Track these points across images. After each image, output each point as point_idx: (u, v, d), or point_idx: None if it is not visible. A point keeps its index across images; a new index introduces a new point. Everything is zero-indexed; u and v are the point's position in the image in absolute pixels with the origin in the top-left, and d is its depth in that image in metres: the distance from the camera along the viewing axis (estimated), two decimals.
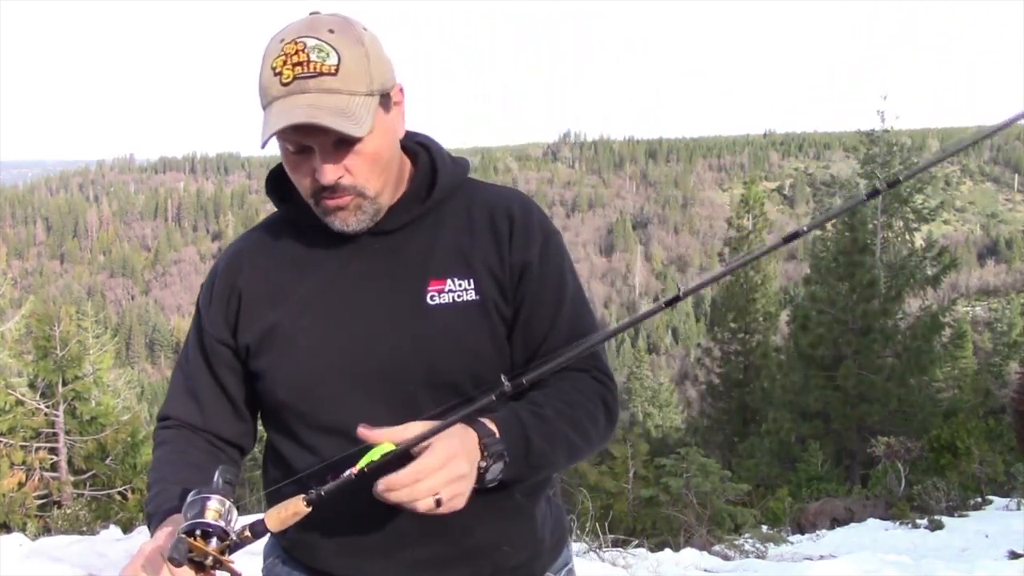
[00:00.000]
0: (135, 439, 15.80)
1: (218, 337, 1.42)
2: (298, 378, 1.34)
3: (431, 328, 1.32)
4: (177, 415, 1.45)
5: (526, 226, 1.39)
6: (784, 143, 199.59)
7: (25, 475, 14.48)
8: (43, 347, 15.33)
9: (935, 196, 29.27)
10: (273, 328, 1.36)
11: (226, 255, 1.48)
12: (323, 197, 1.30)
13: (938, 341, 19.47)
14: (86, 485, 15.48)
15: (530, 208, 1.43)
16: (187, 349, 1.48)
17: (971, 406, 18.83)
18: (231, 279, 1.43)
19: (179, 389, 1.47)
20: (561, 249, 1.43)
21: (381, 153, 1.30)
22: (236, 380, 1.43)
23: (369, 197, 1.31)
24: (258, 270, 1.42)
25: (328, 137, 1.24)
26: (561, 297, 1.39)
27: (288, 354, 1.35)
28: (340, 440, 1.29)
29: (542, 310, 1.37)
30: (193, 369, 1.45)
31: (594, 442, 1.36)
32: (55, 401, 15.29)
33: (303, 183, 1.30)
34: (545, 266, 1.39)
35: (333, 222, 1.32)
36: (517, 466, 1.23)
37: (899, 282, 19.54)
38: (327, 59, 1.22)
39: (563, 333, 1.37)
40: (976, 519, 9.52)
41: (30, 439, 15.06)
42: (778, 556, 8.06)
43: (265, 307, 1.38)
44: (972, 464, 12.17)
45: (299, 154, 1.28)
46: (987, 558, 6.75)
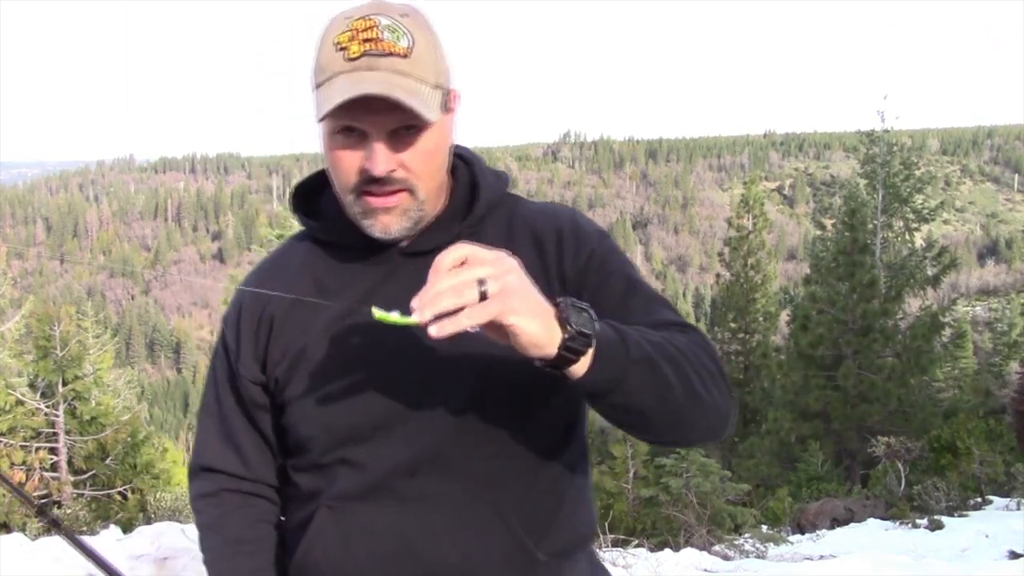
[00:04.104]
0: (135, 439, 15.82)
1: (250, 376, 1.30)
2: (326, 411, 1.22)
3: (471, 356, 1.18)
4: (218, 466, 1.34)
5: (575, 235, 1.27)
6: (784, 143, 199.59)
7: (25, 475, 14.48)
8: (43, 347, 15.34)
9: (935, 196, 29.28)
10: (299, 357, 1.25)
11: (251, 283, 1.36)
12: (368, 192, 1.17)
13: (938, 341, 19.47)
14: (86, 485, 15.49)
15: (576, 218, 1.32)
16: (216, 390, 1.36)
17: (971, 406, 18.82)
18: (259, 308, 1.30)
19: (215, 435, 1.35)
20: (617, 248, 1.31)
21: (437, 153, 1.19)
22: (270, 420, 1.33)
23: (418, 199, 1.19)
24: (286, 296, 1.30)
25: (388, 121, 1.13)
26: (629, 285, 1.25)
27: (312, 385, 1.23)
28: (362, 473, 1.20)
29: (612, 302, 1.21)
30: (227, 413, 1.34)
31: (709, 388, 1.12)
32: (55, 401, 15.30)
33: (347, 173, 1.17)
34: (605, 266, 1.26)
35: (373, 226, 1.19)
36: (607, 338, 1.02)
37: (899, 282, 19.55)
38: (399, 40, 1.12)
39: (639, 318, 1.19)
40: (976, 519, 9.51)
41: (30, 439, 15.07)
42: (778, 556, 8.06)
43: (295, 334, 1.26)
44: (972, 464, 12.17)
45: (349, 140, 1.15)
46: (987, 558, 6.75)
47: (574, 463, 1.29)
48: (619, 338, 1.04)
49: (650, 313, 1.20)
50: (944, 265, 20.40)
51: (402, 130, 1.14)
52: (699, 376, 1.11)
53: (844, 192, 21.73)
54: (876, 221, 20.40)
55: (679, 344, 1.12)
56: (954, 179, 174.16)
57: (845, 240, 18.62)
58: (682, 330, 1.18)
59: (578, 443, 1.30)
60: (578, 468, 1.30)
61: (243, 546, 1.31)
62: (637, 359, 1.04)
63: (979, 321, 40.90)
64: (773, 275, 26.33)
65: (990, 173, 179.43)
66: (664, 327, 1.16)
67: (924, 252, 20.97)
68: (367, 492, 1.20)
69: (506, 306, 0.94)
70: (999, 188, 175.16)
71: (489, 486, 1.20)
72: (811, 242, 21.84)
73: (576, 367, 1.00)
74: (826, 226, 21.64)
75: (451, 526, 1.19)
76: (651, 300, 1.24)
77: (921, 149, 36.76)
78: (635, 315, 1.17)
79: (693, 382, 1.10)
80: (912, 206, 21.46)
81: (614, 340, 1.03)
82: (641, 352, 1.05)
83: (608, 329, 1.03)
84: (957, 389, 22.78)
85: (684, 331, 1.18)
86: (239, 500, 1.34)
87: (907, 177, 21.42)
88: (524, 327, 0.95)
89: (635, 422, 1.11)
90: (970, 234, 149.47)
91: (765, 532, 9.33)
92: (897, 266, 20.14)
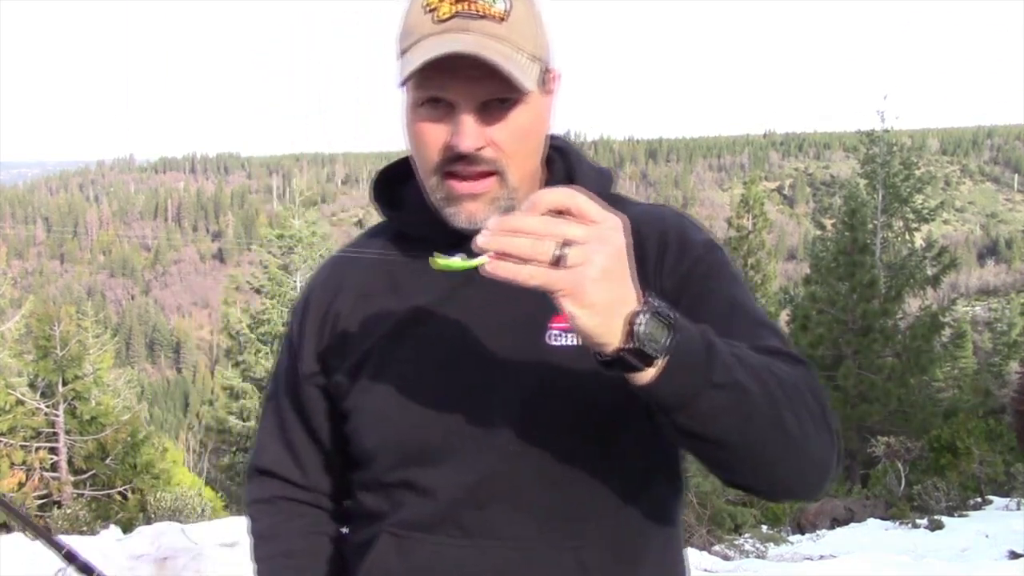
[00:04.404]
0: (135, 439, 15.81)
1: (312, 377, 1.21)
2: (389, 424, 1.12)
3: (551, 375, 1.06)
4: (275, 470, 1.27)
5: (680, 241, 1.13)
6: (784, 143, 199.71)
7: (25, 475, 14.49)
8: (43, 347, 15.34)
9: (935, 196, 29.28)
10: (365, 360, 1.14)
11: (321, 273, 1.27)
12: (453, 173, 1.05)
13: (938, 341, 19.48)
14: (86, 485, 15.49)
15: (684, 223, 1.17)
16: (277, 385, 1.29)
17: (971, 406, 18.82)
18: (326, 302, 1.20)
19: (272, 437, 1.28)
20: (726, 262, 1.15)
21: (532, 133, 1.07)
22: (330, 427, 1.23)
23: (508, 185, 1.06)
24: (357, 291, 1.19)
25: (479, 91, 1.01)
26: (733, 306, 1.09)
27: (376, 395, 1.13)
28: (428, 501, 1.10)
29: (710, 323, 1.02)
30: (285, 413, 1.26)
31: (807, 431, 0.95)
32: (55, 401, 15.30)
33: (430, 150, 1.05)
34: (708, 280, 1.10)
35: (457, 214, 1.07)
36: (690, 351, 0.87)
37: (899, 282, 19.55)
38: (495, 3, 1.02)
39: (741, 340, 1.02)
40: (976, 519, 9.52)
41: (30, 439, 15.06)
42: (778, 556, 8.07)
43: (360, 335, 1.16)
44: (972, 464, 12.16)
45: (434, 112, 1.03)
46: (987, 558, 6.76)
47: (667, 501, 1.15)
48: (704, 352, 0.88)
49: (754, 338, 1.03)
50: (944, 265, 20.39)
51: (494, 103, 1.03)
52: (796, 415, 0.94)
53: (844, 192, 21.73)
54: (876, 221, 20.40)
55: (780, 374, 0.95)
56: (954, 179, 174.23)
57: (845, 240, 18.62)
58: (788, 361, 1.01)
59: (674, 477, 1.16)
60: (671, 508, 1.16)
61: (295, 559, 1.24)
62: (720, 381, 0.88)
63: (979, 321, 40.88)
64: (773, 275, 26.34)
65: (990, 173, 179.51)
66: (767, 355, 0.99)
67: (924, 252, 20.97)
68: (433, 523, 1.09)
69: (574, 286, 0.81)
70: (999, 188, 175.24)
71: (568, 527, 1.07)
72: (811, 242, 21.84)
73: (638, 374, 0.86)
74: (826, 226, 21.64)
75: (523, 573, 1.06)
76: (757, 324, 1.07)
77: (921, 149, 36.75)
78: (736, 339, 0.99)
79: (787, 420, 0.93)
80: (912, 206, 21.45)
81: (695, 352, 0.87)
82: (727, 374, 0.88)
83: (694, 339, 0.88)
84: (957, 389, 22.76)
85: (790, 363, 1.00)
86: (295, 509, 1.27)
87: (907, 177, 21.42)
88: (579, 318, 0.82)
89: (710, 454, 0.94)
90: (970, 234, 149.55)
91: (765, 532, 9.34)
92: (897, 266, 20.14)
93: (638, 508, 1.10)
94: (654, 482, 1.12)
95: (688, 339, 0.87)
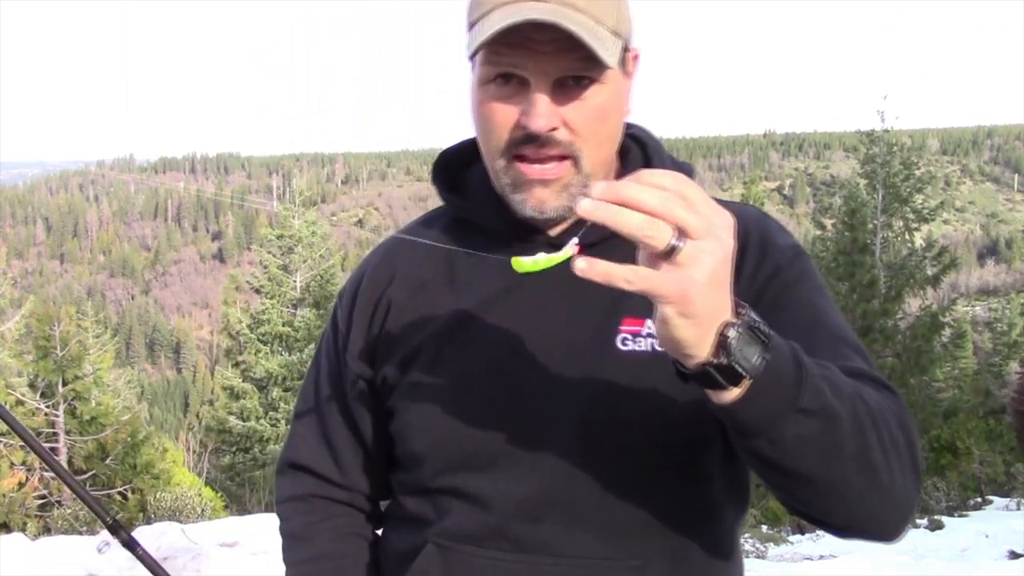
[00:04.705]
0: (135, 439, 15.81)
1: (357, 369, 1.12)
2: (438, 426, 1.03)
3: (619, 384, 0.98)
4: (311, 466, 1.18)
5: (762, 245, 1.03)
6: (784, 143, 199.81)
7: (25, 475, 14.49)
8: (43, 347, 15.35)
9: (935, 196, 29.29)
10: (415, 355, 1.06)
11: (373, 258, 1.17)
12: (523, 156, 0.96)
13: (938, 341, 19.47)
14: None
15: (767, 225, 1.07)
16: (317, 375, 1.19)
17: (971, 406, 18.83)
18: (378, 289, 1.12)
19: (310, 430, 1.19)
20: (811, 271, 1.05)
21: (610, 115, 0.98)
22: (372, 423, 1.15)
23: (582, 171, 0.97)
24: (412, 280, 1.10)
25: (554, 67, 0.92)
26: (816, 319, 0.99)
27: (426, 393, 1.05)
28: (478, 511, 1.02)
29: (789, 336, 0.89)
30: (326, 406, 1.17)
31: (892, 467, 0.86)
32: (55, 401, 15.31)
33: (499, 130, 0.96)
34: (790, 289, 1.01)
35: (525, 201, 0.98)
36: (780, 371, 0.77)
37: (899, 282, 19.55)
38: None
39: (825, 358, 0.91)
40: (976, 519, 9.51)
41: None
42: (778, 556, 8.06)
43: (414, 327, 1.07)
44: (972, 464, 12.17)
45: (504, 89, 0.95)
46: (987, 558, 6.76)
47: (733, 523, 1.07)
48: (794, 372, 0.78)
49: (837, 357, 0.93)
50: (944, 265, 20.39)
51: (570, 81, 0.94)
52: (884, 450, 0.85)
53: (844, 192, 21.73)
54: (876, 221, 20.39)
55: (871, 402, 0.86)
56: (954, 179, 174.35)
57: (845, 240, 18.63)
58: (876, 387, 0.92)
59: (742, 498, 1.08)
60: (736, 528, 1.08)
61: (330, 562, 1.16)
62: (809, 407, 0.78)
63: (979, 321, 40.91)
64: None
65: (990, 173, 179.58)
66: (852, 376, 0.89)
67: (924, 252, 20.95)
68: (483, 536, 1.01)
69: (682, 290, 0.70)
70: (999, 188, 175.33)
71: (630, 546, 0.99)
72: (811, 242, 21.80)
73: (721, 392, 0.77)
74: (826, 226, 21.63)
75: None
76: (841, 342, 0.98)
77: (921, 149, 36.78)
78: (818, 357, 0.88)
79: (874, 456, 0.84)
80: (912, 206, 21.43)
81: (785, 372, 0.78)
82: (816, 399, 0.79)
83: (785, 358, 0.78)
84: (957, 389, 22.77)
85: (878, 389, 0.92)
86: (330, 509, 1.18)
87: (907, 177, 21.41)
88: (676, 328, 0.72)
89: (786, 484, 0.85)
90: (970, 234, 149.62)
91: (765, 532, 9.33)
92: (897, 266, 20.13)
93: (706, 529, 1.03)
94: (725, 503, 1.05)
95: (780, 358, 0.77)
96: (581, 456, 0.98)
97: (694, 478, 1.00)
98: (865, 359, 0.97)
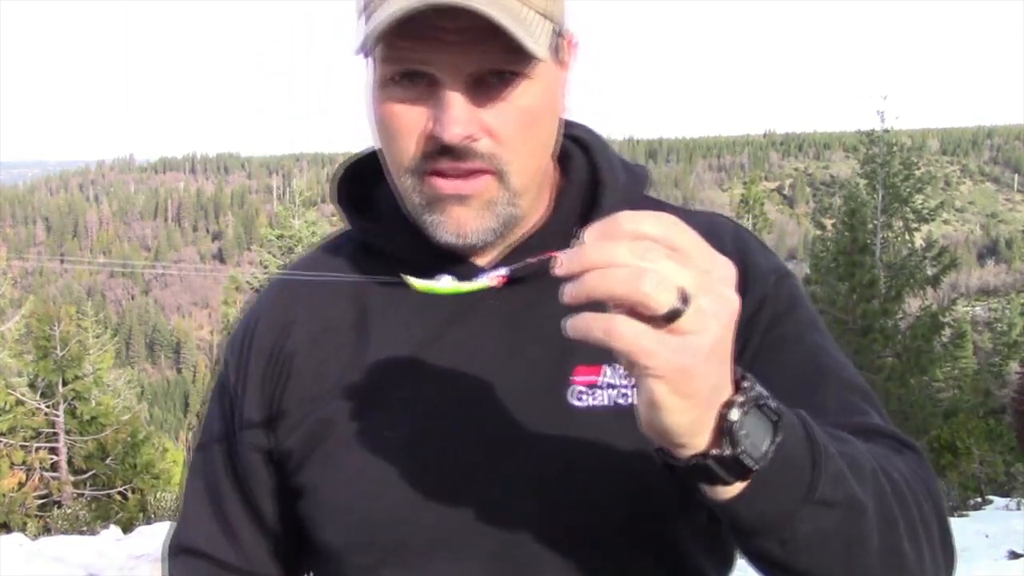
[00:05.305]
0: (135, 439, 15.84)
1: (252, 440, 0.91)
2: (358, 510, 0.84)
3: (576, 449, 0.80)
4: (205, 548, 0.96)
5: (742, 264, 0.77)
6: (784, 143, 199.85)
7: (25, 475, 14.51)
8: (43, 347, 15.37)
9: (935, 196, 29.31)
10: (323, 420, 0.86)
11: (267, 300, 0.96)
12: (436, 171, 0.78)
13: (938, 341, 19.49)
14: (86, 485, 15.50)
15: (748, 245, 0.89)
16: (207, 442, 0.98)
17: (971, 406, 18.85)
18: (275, 340, 0.91)
19: (202, 506, 0.97)
20: (801, 299, 0.89)
21: (541, 118, 0.79)
22: (275, 506, 0.94)
23: (509, 188, 0.79)
24: (314, 325, 0.90)
25: (469, 60, 0.74)
26: (816, 362, 0.83)
27: (342, 468, 0.85)
28: None
29: (786, 387, 0.73)
30: (218, 479, 0.96)
31: (922, 553, 0.70)
32: (55, 401, 15.32)
33: (405, 141, 0.78)
34: (780, 324, 0.84)
35: (441, 224, 0.80)
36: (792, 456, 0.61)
37: (899, 282, 19.56)
38: None
39: (832, 414, 0.77)
40: (976, 519, 9.51)
41: (30, 439, 15.09)
42: None
43: (320, 387, 0.88)
44: (972, 464, 12.18)
45: (410, 91, 0.77)
46: (987, 558, 6.76)
47: None
48: (810, 455, 0.62)
49: (846, 411, 0.78)
50: (944, 265, 20.41)
51: (491, 78, 0.76)
52: (912, 535, 0.69)
53: (844, 192, 21.75)
54: (876, 221, 20.40)
55: (897, 478, 0.70)
56: (954, 179, 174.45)
57: (845, 240, 18.64)
58: (896, 448, 0.76)
59: (726, 565, 0.89)
60: None
61: None
62: (828, 498, 0.62)
63: (979, 321, 40.94)
64: None
65: (990, 173, 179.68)
66: (867, 437, 0.74)
67: (924, 252, 20.97)
68: None
69: (680, 365, 0.54)
70: (999, 188, 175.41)
71: None
72: (811, 242, 21.83)
73: (720, 487, 0.61)
74: (826, 226, 21.65)
75: None
76: (849, 390, 0.81)
77: (921, 149, 36.80)
78: (822, 414, 0.72)
79: (903, 548, 0.68)
80: (912, 206, 21.45)
81: (799, 457, 0.62)
82: (836, 487, 0.63)
83: (798, 437, 0.62)
84: (957, 389, 22.79)
85: (899, 451, 0.76)
86: None
87: (907, 177, 21.43)
88: (669, 414, 0.56)
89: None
90: (970, 234, 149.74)
91: None
92: (897, 266, 20.14)
93: None
94: (706, 569, 0.86)
95: (792, 438, 0.61)
96: (536, 537, 0.80)
97: (670, 547, 0.82)
98: (877, 409, 0.81)
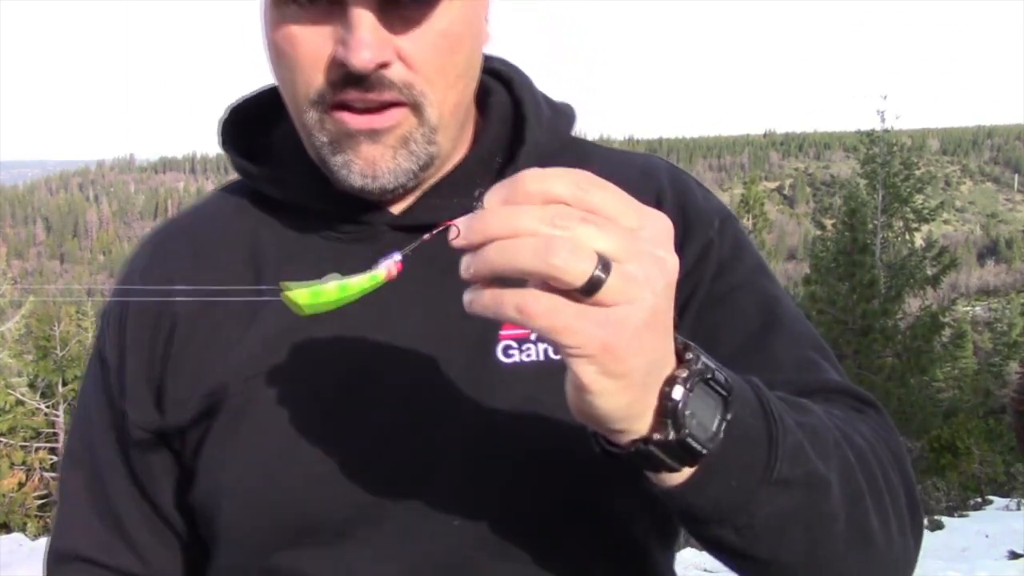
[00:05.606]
0: None
1: (139, 418, 0.77)
2: (261, 488, 0.72)
3: (505, 409, 0.70)
4: (93, 555, 0.81)
5: (684, 217, 0.75)
6: (784, 143, 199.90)
7: (25, 475, 14.51)
8: (43, 347, 15.38)
9: (935, 196, 29.35)
10: (219, 390, 0.73)
11: (140, 259, 0.83)
12: (343, 104, 0.67)
13: (938, 341, 19.49)
14: None
15: (686, 185, 0.81)
16: (87, 431, 0.83)
17: (971, 406, 18.86)
18: (156, 304, 0.77)
19: (88, 508, 0.81)
20: (746, 242, 0.80)
21: (461, 44, 0.69)
22: (173, 491, 0.80)
23: (426, 122, 0.69)
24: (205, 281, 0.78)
25: None
26: (767, 314, 0.74)
27: (243, 442, 0.73)
28: None
29: (736, 341, 0.71)
30: (105, 472, 0.81)
31: (889, 526, 0.63)
32: (55, 401, 15.33)
33: (306, 69, 0.67)
34: (727, 273, 0.75)
35: (349, 164, 0.69)
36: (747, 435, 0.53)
37: (899, 282, 19.56)
38: None
39: (787, 370, 0.70)
40: (976, 519, 9.52)
41: (30, 439, 15.10)
42: None
43: (213, 353, 0.75)
44: (972, 464, 12.18)
45: (311, 12, 0.66)
46: (987, 558, 6.76)
47: (663, 565, 0.79)
48: (765, 429, 0.54)
49: (802, 367, 0.71)
50: (944, 265, 20.42)
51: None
52: (880, 508, 0.62)
53: (844, 192, 21.76)
54: (876, 221, 20.40)
55: (860, 444, 0.63)
56: (954, 179, 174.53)
57: (845, 240, 18.64)
58: (857, 407, 0.70)
59: (670, 534, 0.79)
60: (665, 570, 0.80)
61: None
62: (787, 476, 0.55)
63: (979, 321, 40.97)
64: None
65: (990, 173, 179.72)
66: (826, 397, 0.68)
67: (924, 252, 20.98)
68: None
69: (607, 342, 0.46)
70: (999, 188, 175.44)
71: None
72: (811, 242, 21.84)
73: (665, 473, 0.54)
74: (826, 226, 21.65)
75: None
76: (801, 342, 0.73)
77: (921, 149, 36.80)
78: (776, 370, 0.67)
79: (870, 519, 0.61)
80: (912, 206, 21.46)
81: (754, 434, 0.54)
82: (796, 462, 0.56)
83: (752, 412, 0.54)
84: (957, 389, 22.80)
85: (860, 410, 0.69)
86: None
87: (907, 177, 21.43)
88: (601, 396, 0.48)
89: (749, 569, 0.61)
90: (970, 234, 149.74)
91: None
92: (897, 266, 20.14)
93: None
94: (650, 544, 0.76)
95: (744, 413, 0.53)
96: (462, 513, 0.70)
97: (609, 518, 0.72)
98: (832, 362, 0.73)
